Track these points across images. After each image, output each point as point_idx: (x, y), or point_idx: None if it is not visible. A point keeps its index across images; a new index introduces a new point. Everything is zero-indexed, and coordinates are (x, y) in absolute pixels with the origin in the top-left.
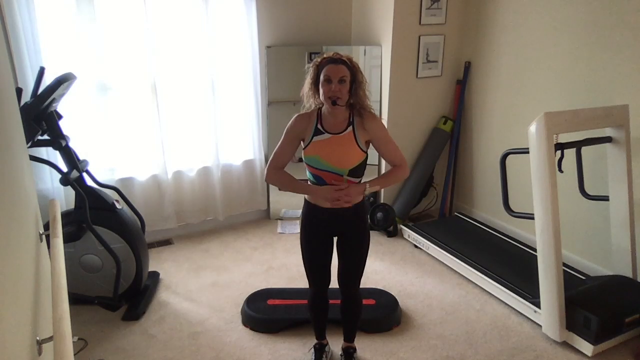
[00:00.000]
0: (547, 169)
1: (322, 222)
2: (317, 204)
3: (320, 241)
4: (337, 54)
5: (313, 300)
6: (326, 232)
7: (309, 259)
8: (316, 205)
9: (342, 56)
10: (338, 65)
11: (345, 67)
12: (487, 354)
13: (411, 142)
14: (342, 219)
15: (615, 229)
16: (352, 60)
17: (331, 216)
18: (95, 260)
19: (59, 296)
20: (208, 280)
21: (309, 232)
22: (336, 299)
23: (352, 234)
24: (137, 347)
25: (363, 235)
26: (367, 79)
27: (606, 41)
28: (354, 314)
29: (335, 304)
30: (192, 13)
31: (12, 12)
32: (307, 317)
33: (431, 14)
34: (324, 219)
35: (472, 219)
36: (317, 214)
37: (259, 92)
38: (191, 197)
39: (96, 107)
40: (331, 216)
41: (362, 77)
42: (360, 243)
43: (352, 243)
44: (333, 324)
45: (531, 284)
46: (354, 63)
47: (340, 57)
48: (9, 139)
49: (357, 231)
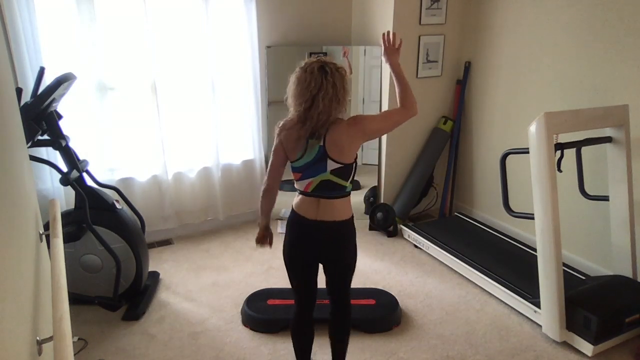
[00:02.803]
0: (547, 169)
1: (307, 237)
2: (304, 215)
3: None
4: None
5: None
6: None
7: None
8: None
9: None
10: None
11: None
12: (487, 354)
13: (411, 142)
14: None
15: (615, 229)
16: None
17: (317, 232)
18: (95, 260)
19: (59, 296)
20: (208, 280)
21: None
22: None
23: (338, 251)
24: (137, 347)
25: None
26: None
27: (606, 41)
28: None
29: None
30: (192, 13)
31: (12, 12)
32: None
33: (431, 14)
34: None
35: (472, 219)
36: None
37: (259, 92)
38: (191, 197)
39: (96, 107)
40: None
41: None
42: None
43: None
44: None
45: (531, 284)
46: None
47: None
48: (9, 139)
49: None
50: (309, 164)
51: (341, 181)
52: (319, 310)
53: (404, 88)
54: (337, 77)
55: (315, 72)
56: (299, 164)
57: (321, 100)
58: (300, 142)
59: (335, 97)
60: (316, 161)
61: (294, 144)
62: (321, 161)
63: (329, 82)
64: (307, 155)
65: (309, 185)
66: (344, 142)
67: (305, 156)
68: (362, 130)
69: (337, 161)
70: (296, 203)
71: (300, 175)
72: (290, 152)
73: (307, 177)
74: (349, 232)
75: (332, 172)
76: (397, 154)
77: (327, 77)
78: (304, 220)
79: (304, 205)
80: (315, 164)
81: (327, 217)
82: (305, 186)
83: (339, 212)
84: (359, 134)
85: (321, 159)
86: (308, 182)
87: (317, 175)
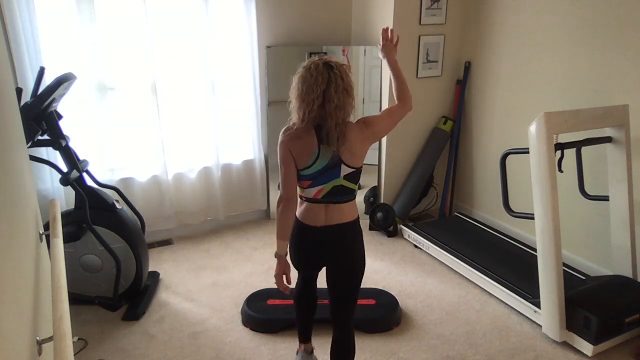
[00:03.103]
0: (547, 169)
1: (314, 244)
2: (310, 224)
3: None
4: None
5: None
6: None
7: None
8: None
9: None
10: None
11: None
12: (487, 354)
13: (411, 142)
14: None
15: (615, 229)
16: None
17: (324, 237)
18: (95, 260)
19: (59, 296)
20: (208, 280)
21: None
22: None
23: (346, 259)
24: (137, 347)
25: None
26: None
27: (606, 41)
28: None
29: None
30: (192, 13)
31: (12, 12)
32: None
33: (431, 14)
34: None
35: (472, 219)
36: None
37: (258, 92)
38: (191, 197)
39: (96, 107)
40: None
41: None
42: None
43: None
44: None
45: (531, 284)
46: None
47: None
48: (9, 139)
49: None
50: (321, 170)
51: (352, 185)
52: (319, 310)
53: (402, 83)
54: (342, 71)
55: (320, 67)
56: (309, 171)
57: (334, 93)
58: (312, 148)
59: (345, 90)
60: (329, 167)
61: (305, 150)
62: (335, 167)
63: (337, 75)
64: (319, 161)
65: (319, 192)
66: (357, 146)
67: (318, 163)
68: (373, 132)
69: (350, 166)
70: (300, 212)
71: (310, 183)
72: (300, 161)
73: (318, 184)
74: (355, 232)
75: (345, 177)
76: (397, 154)
77: (334, 71)
78: (312, 228)
79: (311, 213)
80: (329, 170)
81: (335, 221)
82: (315, 193)
83: (346, 214)
84: (371, 136)
85: (335, 165)
86: (319, 189)
87: (330, 181)
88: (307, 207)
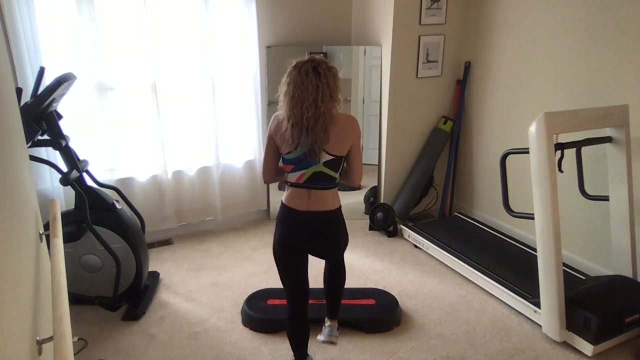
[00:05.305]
0: (547, 169)
1: (298, 228)
2: (294, 207)
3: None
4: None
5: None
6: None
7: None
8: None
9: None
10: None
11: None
12: (487, 354)
13: (411, 142)
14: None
15: (615, 229)
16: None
17: (308, 221)
18: (95, 260)
19: (59, 296)
20: (208, 280)
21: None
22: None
23: (329, 241)
24: (137, 347)
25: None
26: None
27: (606, 41)
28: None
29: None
30: (192, 13)
31: (12, 12)
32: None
33: (431, 14)
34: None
35: (472, 219)
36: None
37: (258, 92)
38: (191, 197)
39: (96, 107)
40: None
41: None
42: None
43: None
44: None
45: (531, 284)
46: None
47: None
48: (9, 139)
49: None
50: (301, 156)
51: (332, 173)
52: (315, 311)
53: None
54: (329, 76)
55: (310, 74)
56: (291, 156)
57: (320, 103)
58: (293, 137)
59: (331, 97)
60: (309, 154)
61: (286, 139)
62: (315, 154)
63: (323, 84)
64: (299, 148)
65: (301, 177)
66: (340, 136)
67: (298, 149)
68: (352, 138)
69: (330, 153)
70: (286, 196)
71: (293, 167)
72: (283, 146)
73: (300, 169)
74: (338, 221)
75: (325, 164)
76: (397, 154)
77: (321, 79)
78: (295, 212)
79: (295, 197)
80: (309, 156)
81: (318, 208)
82: (297, 178)
83: (328, 202)
84: (350, 139)
85: (315, 152)
86: (301, 173)
87: (311, 167)
88: (292, 191)
